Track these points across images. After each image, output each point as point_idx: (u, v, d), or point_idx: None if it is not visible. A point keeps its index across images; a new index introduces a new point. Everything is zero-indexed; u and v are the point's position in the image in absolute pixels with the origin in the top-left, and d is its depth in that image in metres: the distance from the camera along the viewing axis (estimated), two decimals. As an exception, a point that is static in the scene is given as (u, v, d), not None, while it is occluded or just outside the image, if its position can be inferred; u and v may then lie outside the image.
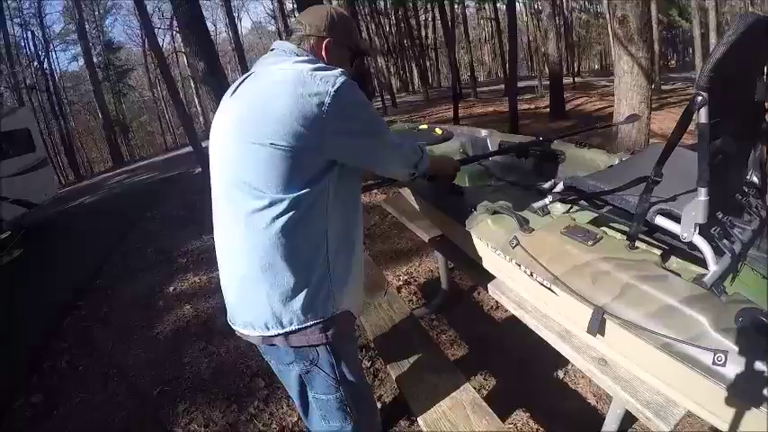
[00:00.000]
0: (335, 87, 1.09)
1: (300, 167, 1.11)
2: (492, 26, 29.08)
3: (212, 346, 3.09)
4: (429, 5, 26.96)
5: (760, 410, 0.92)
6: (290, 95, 1.08)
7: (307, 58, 1.23)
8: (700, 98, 1.09)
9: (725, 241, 1.27)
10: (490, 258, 1.70)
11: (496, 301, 2.17)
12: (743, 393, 0.95)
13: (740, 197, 1.48)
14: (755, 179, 1.55)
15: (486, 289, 1.76)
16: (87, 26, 26.62)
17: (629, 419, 1.37)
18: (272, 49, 1.30)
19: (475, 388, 1.82)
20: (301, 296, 1.18)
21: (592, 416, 2.05)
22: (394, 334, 2.15)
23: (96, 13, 28.49)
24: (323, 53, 1.29)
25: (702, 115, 1.10)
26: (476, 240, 1.73)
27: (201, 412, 2.49)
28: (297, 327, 1.20)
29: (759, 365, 0.93)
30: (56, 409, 2.80)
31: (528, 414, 2.09)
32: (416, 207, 2.35)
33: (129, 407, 2.69)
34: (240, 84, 1.22)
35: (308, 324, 1.20)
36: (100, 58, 29.26)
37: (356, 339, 1.57)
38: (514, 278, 1.59)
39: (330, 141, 1.12)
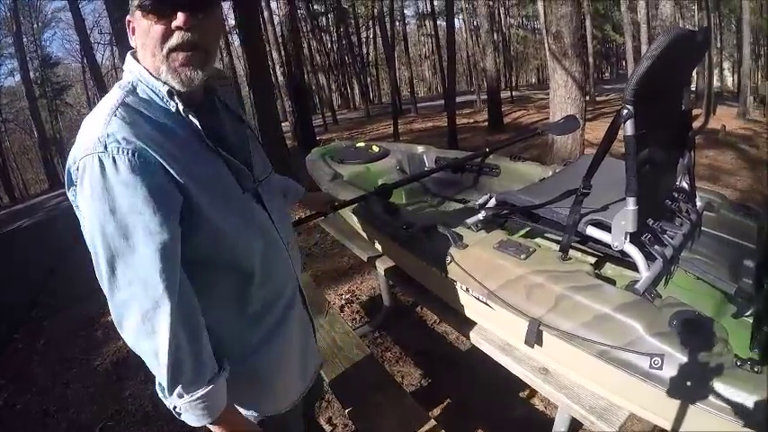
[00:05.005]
0: (76, 173, 0.81)
1: None
2: (432, 43, 29.48)
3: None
4: (370, 22, 27.23)
5: (700, 408, 0.95)
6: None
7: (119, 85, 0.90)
8: (626, 111, 1.13)
9: (656, 247, 1.31)
10: (427, 275, 1.69)
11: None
12: (682, 393, 0.98)
13: (670, 203, 1.54)
14: (685, 185, 1.62)
15: (427, 305, 1.75)
16: (25, 39, 25.33)
17: (576, 424, 1.39)
18: None
19: (422, 402, 1.80)
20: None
21: (542, 422, 2.07)
22: (337, 355, 2.09)
23: (35, 26, 27.17)
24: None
25: (629, 128, 1.14)
26: (412, 258, 1.72)
27: (146, 447, 2.36)
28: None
29: (695, 365, 0.96)
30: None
31: (477, 424, 2.09)
32: (354, 226, 2.32)
33: (68, 446, 2.51)
34: None
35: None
36: (37, 74, 27.86)
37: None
38: (452, 294, 1.59)
39: None
